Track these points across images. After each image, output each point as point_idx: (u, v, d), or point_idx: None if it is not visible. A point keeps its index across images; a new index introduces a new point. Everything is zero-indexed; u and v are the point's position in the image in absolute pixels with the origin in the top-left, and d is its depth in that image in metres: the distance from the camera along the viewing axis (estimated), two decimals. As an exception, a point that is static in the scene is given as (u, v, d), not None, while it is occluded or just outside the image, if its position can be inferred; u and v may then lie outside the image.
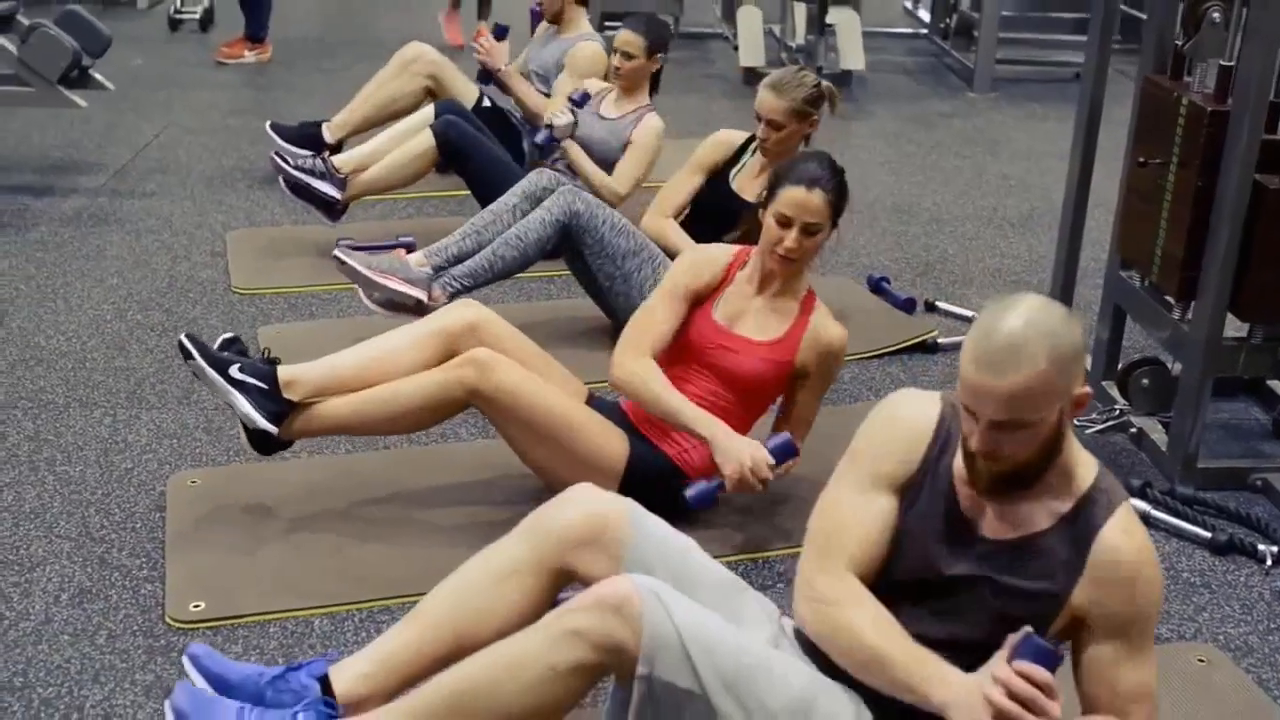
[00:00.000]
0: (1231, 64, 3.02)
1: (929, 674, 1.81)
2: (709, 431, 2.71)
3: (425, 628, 2.07)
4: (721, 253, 2.93)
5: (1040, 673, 1.73)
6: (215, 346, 2.80)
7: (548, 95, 4.65)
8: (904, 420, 1.99)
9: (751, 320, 2.83)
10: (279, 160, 4.30)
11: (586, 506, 2.10)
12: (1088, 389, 1.81)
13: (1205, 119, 3.01)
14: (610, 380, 2.84)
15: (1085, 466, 1.90)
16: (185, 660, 2.10)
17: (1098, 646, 1.89)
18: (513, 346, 2.86)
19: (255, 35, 6.95)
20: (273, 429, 2.74)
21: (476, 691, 1.87)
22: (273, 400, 2.74)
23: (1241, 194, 2.95)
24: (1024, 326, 1.74)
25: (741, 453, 2.66)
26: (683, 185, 3.78)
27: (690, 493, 2.74)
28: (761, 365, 2.80)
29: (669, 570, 2.00)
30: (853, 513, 1.95)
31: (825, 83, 3.63)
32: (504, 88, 4.70)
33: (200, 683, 2.07)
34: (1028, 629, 1.79)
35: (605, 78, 4.52)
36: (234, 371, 2.73)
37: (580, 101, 4.14)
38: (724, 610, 1.99)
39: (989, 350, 1.74)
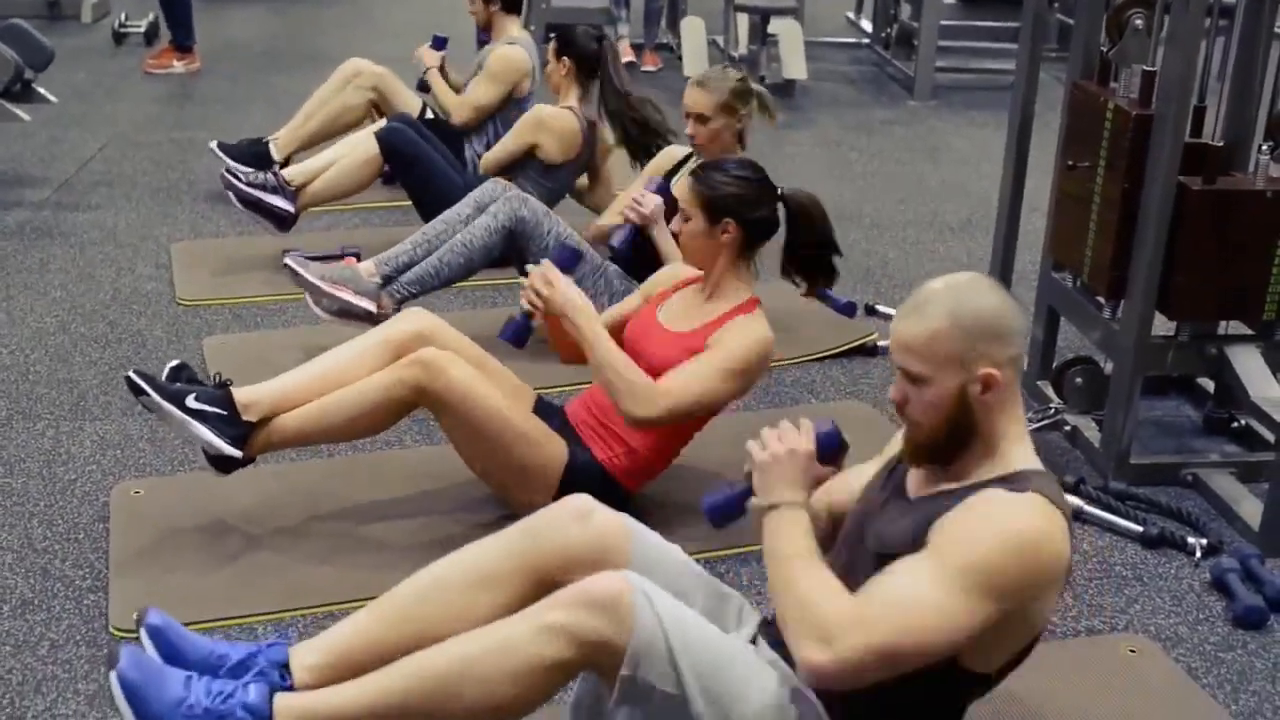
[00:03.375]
0: (1154, 69, 3.10)
1: None
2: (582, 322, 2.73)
3: (390, 625, 2.01)
4: (685, 270, 3.03)
5: None
6: (164, 376, 2.79)
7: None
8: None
9: (682, 317, 2.90)
10: (230, 178, 4.31)
11: (593, 526, 2.03)
12: (994, 371, 1.79)
13: (1130, 123, 3.08)
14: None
15: (1023, 460, 1.86)
16: (142, 631, 2.02)
17: (910, 556, 1.77)
18: (462, 352, 2.88)
19: (182, 44, 6.95)
20: (237, 453, 2.73)
21: (458, 672, 1.83)
22: (233, 424, 2.73)
23: (1166, 196, 3.03)
24: (940, 285, 1.85)
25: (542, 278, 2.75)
26: (634, 192, 3.83)
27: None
28: (671, 351, 2.82)
29: (668, 584, 1.97)
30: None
31: (757, 85, 3.68)
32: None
33: (151, 652, 2.00)
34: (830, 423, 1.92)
35: (532, 84, 4.67)
36: (191, 401, 2.71)
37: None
38: (710, 615, 2.00)
39: (908, 300, 1.86)
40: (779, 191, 2.86)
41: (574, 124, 4.24)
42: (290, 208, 4.33)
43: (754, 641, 2.02)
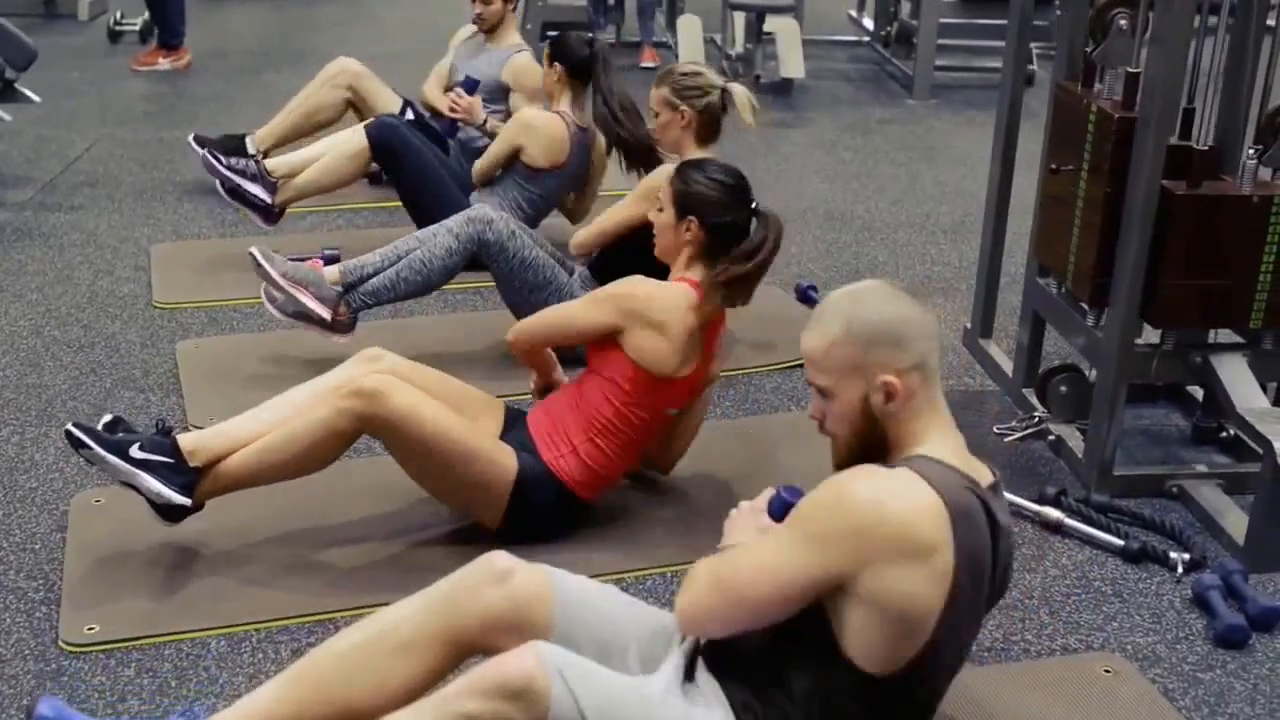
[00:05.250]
0: (1138, 71, 3.02)
1: None
2: None
3: (308, 692, 1.95)
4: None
5: None
6: (100, 427, 2.68)
7: (488, 109, 4.60)
8: None
9: None
10: (211, 160, 4.26)
11: (509, 589, 1.96)
12: (893, 379, 1.83)
13: (1113, 125, 3.01)
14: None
15: (922, 450, 1.86)
16: None
17: None
18: (422, 384, 2.77)
19: (169, 43, 6.92)
20: (187, 501, 2.64)
21: None
22: (180, 472, 2.63)
23: (1149, 201, 2.95)
24: (840, 296, 1.90)
25: None
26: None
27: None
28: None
29: (594, 639, 1.94)
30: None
31: (732, 84, 3.58)
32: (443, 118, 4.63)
33: None
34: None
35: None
36: (135, 451, 2.62)
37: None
38: (645, 656, 1.96)
39: (813, 313, 1.93)
40: (753, 204, 2.80)
41: (561, 130, 4.16)
42: (268, 198, 4.29)
43: (691, 668, 1.95)
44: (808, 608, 1.82)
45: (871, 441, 1.85)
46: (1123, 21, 3.07)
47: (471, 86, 4.53)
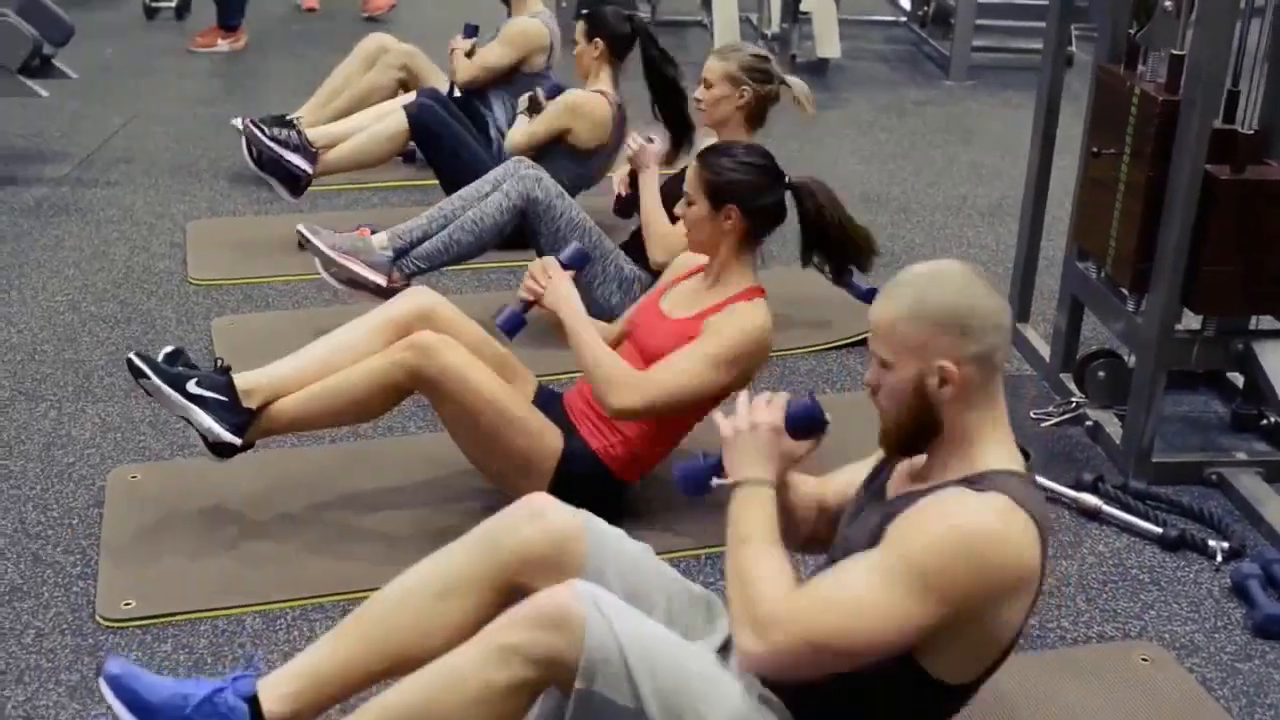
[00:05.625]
0: (1183, 53, 2.98)
1: None
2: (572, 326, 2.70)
3: (359, 643, 1.99)
4: (697, 259, 2.94)
5: None
6: (160, 360, 2.73)
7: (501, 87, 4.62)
8: None
9: (682, 304, 2.82)
10: (254, 130, 4.24)
11: (546, 525, 2.00)
12: (951, 366, 1.74)
13: (1157, 109, 2.97)
14: None
15: (994, 463, 1.79)
16: (102, 683, 1.98)
17: (861, 553, 1.74)
18: (463, 334, 2.82)
19: (228, 24, 6.91)
20: (237, 440, 2.68)
21: (412, 712, 1.81)
22: (233, 411, 2.68)
23: (1193, 185, 2.91)
24: (913, 273, 1.82)
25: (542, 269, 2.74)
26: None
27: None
28: (668, 339, 2.74)
29: (625, 585, 1.94)
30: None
31: (791, 78, 3.57)
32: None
33: (119, 709, 1.96)
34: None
35: (549, 60, 4.66)
36: (192, 387, 2.66)
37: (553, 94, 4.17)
38: (678, 622, 1.95)
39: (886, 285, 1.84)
40: (786, 179, 2.77)
41: (605, 110, 4.15)
42: (309, 168, 4.28)
43: (726, 647, 1.94)
44: None
45: (921, 424, 1.79)
46: (1168, 3, 3.02)
47: (471, 32, 4.68)
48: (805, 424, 1.92)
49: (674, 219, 2.98)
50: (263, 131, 4.26)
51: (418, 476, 3.01)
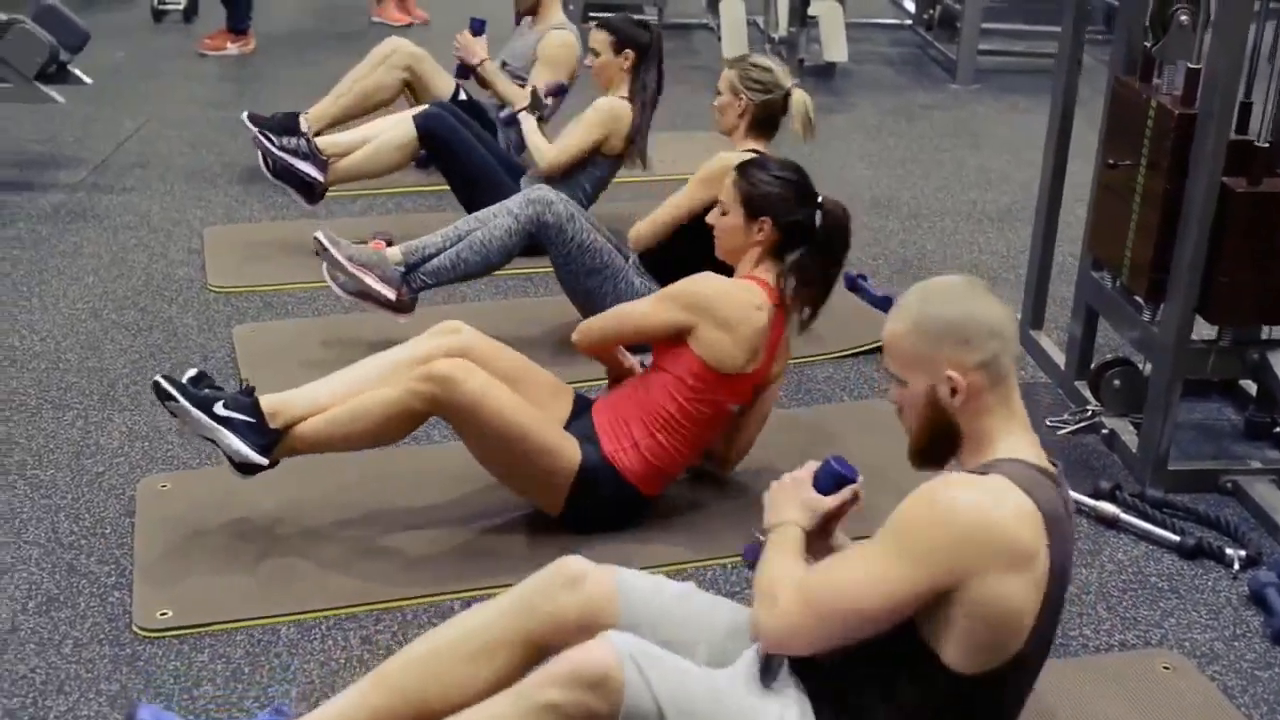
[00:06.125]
0: (1199, 66, 3.02)
1: None
2: None
3: (390, 696, 2.02)
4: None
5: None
6: (185, 382, 2.76)
7: (519, 82, 4.63)
8: None
9: None
10: (264, 140, 4.28)
11: (580, 592, 2.03)
12: (957, 375, 1.85)
13: (1173, 121, 3.01)
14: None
15: (1005, 453, 1.88)
16: None
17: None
18: (499, 366, 2.84)
19: (237, 27, 6.92)
20: (264, 461, 2.72)
21: None
22: (260, 433, 2.71)
23: (1209, 197, 2.95)
24: (917, 288, 1.93)
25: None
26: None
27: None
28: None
29: (658, 638, 1.97)
30: None
31: (797, 92, 3.60)
32: (482, 82, 4.68)
33: None
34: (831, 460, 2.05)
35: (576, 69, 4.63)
36: (218, 409, 2.69)
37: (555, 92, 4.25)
38: (718, 661, 1.99)
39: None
40: (819, 199, 2.83)
41: (632, 116, 4.18)
42: (321, 176, 4.31)
43: (768, 665, 1.98)
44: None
45: (942, 434, 1.90)
46: (1184, 17, 3.06)
47: (478, 28, 4.64)
48: (831, 479, 2.05)
49: (708, 228, 2.99)
50: (272, 142, 4.29)
51: (445, 485, 3.04)
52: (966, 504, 1.77)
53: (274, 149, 4.28)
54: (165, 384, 2.69)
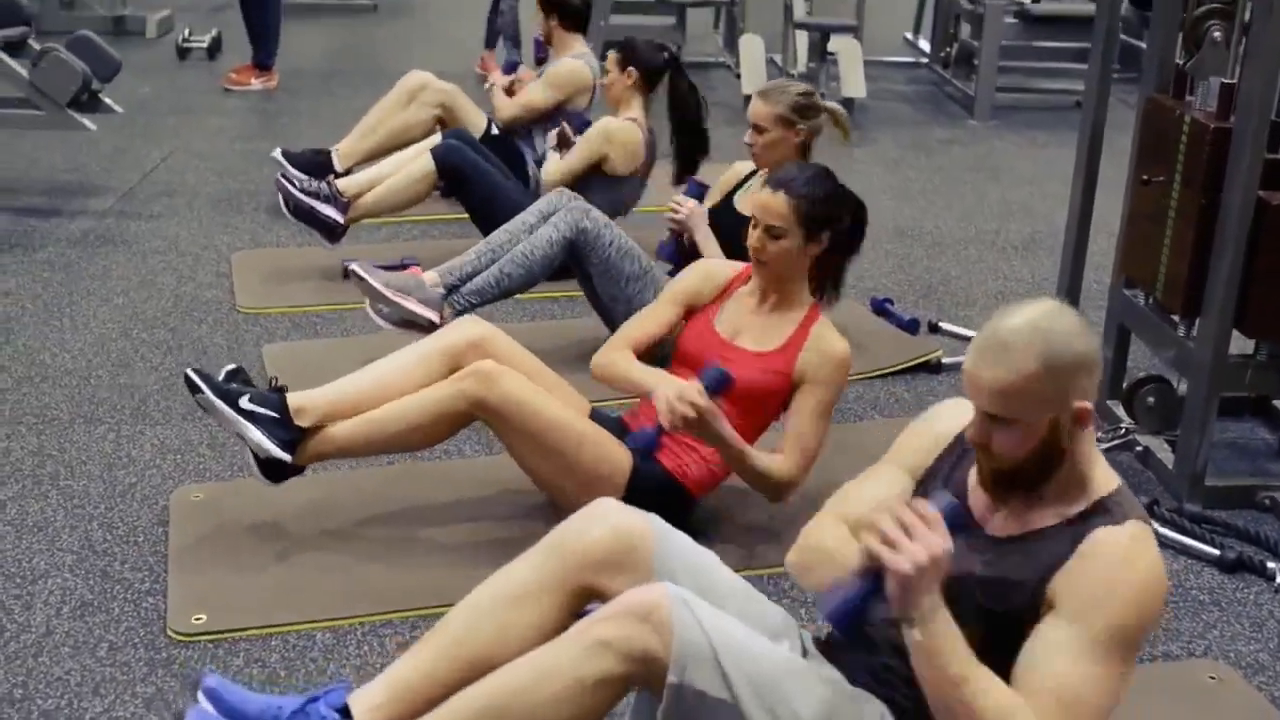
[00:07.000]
0: (1233, 82, 3.03)
1: None
2: (655, 384, 2.71)
3: (440, 652, 2.01)
4: (724, 267, 3.00)
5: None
6: (220, 378, 2.79)
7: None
8: (932, 422, 2.04)
9: (751, 333, 2.85)
10: (285, 183, 4.31)
11: (612, 525, 2.02)
12: (1087, 404, 1.75)
13: (1208, 136, 3.02)
14: (592, 371, 2.94)
15: (1105, 481, 1.83)
16: (200, 695, 2.01)
17: (1051, 625, 1.74)
18: (518, 362, 2.85)
19: (263, 63, 6.99)
20: (287, 457, 2.73)
21: (505, 705, 1.83)
22: (285, 429, 2.72)
23: (1245, 211, 2.95)
24: (1024, 325, 1.74)
25: (669, 387, 2.62)
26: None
27: (630, 443, 2.72)
28: (759, 375, 2.79)
29: (694, 584, 1.96)
30: (870, 481, 2.04)
31: (830, 103, 3.64)
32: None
33: (210, 711, 1.99)
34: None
35: (590, 101, 4.71)
36: (244, 403, 2.72)
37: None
38: (748, 621, 1.96)
39: (986, 341, 1.76)
40: (861, 203, 2.87)
41: (639, 136, 4.23)
42: (340, 219, 4.32)
43: (804, 654, 1.96)
44: (1007, 630, 1.78)
45: (1048, 462, 1.79)
46: (1217, 33, 3.08)
47: (510, 68, 4.75)
48: (957, 527, 1.83)
49: (743, 248, 2.98)
50: (294, 184, 4.30)
51: (475, 497, 3.03)
52: (1162, 575, 1.77)
53: (295, 191, 4.27)
54: (195, 377, 2.72)
